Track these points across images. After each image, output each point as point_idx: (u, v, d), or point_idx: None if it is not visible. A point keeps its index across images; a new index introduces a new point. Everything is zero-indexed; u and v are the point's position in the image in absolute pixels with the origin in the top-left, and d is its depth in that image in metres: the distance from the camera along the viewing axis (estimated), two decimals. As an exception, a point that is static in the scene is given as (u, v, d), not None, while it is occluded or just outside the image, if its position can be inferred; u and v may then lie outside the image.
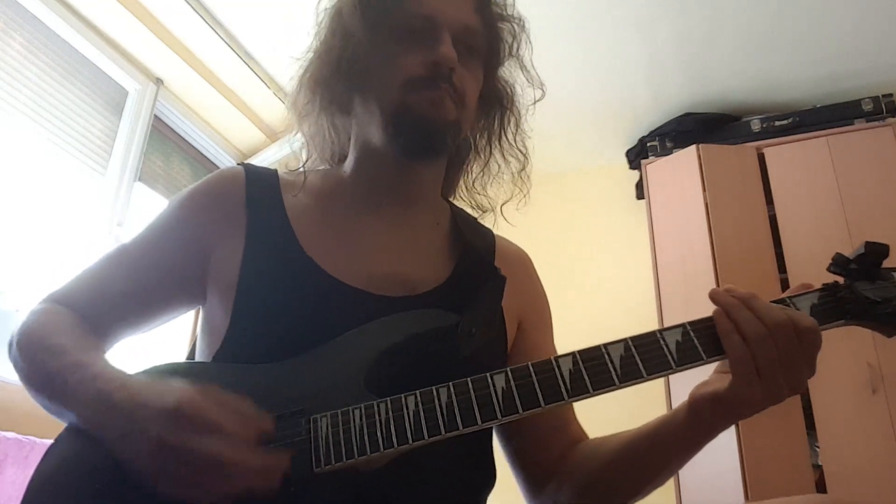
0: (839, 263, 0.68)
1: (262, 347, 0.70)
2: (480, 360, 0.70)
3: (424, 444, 0.61)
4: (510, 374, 0.63)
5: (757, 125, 2.88)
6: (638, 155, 3.17)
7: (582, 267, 3.24)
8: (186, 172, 2.96)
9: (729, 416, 0.63)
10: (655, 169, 2.94)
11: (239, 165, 0.87)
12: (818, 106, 2.88)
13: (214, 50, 2.68)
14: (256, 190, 0.83)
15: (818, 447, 2.30)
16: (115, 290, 0.79)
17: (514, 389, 0.62)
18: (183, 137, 2.98)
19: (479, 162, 0.94)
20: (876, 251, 0.66)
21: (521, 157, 0.93)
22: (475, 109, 0.86)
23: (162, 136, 2.83)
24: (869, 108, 2.75)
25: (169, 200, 0.85)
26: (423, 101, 0.77)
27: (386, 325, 0.70)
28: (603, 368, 0.62)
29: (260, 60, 2.82)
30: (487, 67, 0.87)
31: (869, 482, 2.18)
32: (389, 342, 0.69)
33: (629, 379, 0.62)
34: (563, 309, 1.03)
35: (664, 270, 2.73)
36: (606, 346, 0.64)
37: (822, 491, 2.20)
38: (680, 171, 2.81)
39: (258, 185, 0.84)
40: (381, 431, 0.61)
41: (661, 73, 2.84)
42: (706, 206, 2.65)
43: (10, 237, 2.08)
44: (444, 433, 0.61)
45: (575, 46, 2.68)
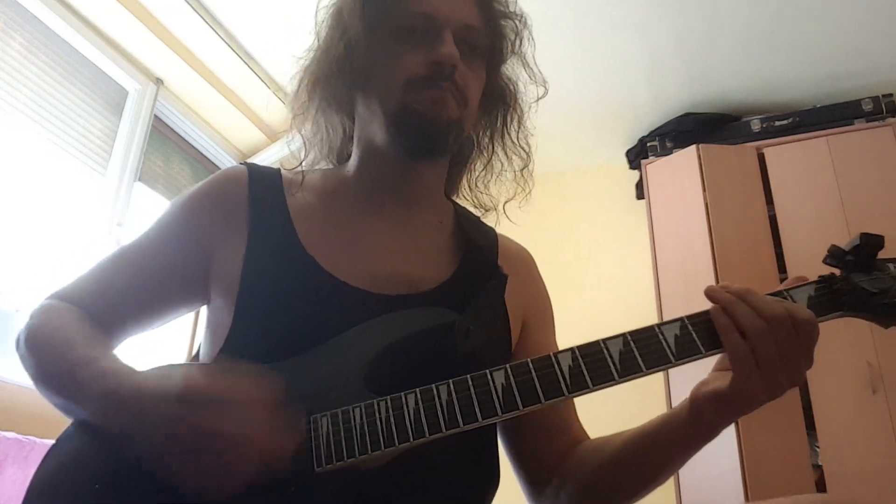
0: (835, 255, 0.68)
1: (263, 347, 0.70)
2: (482, 357, 0.70)
3: (425, 441, 0.61)
4: (510, 370, 0.63)
5: (757, 125, 2.88)
6: (638, 155, 3.17)
7: (582, 267, 3.23)
8: (186, 172, 2.96)
9: (730, 412, 0.63)
10: (655, 169, 2.94)
11: (242, 165, 0.87)
12: (818, 106, 2.88)
13: (214, 50, 2.69)
14: (259, 189, 0.83)
15: (818, 447, 2.30)
16: (118, 289, 0.79)
17: (514, 386, 0.62)
18: (183, 137, 2.98)
19: (481, 160, 0.94)
20: (871, 242, 0.66)
21: (524, 154, 0.93)
22: (478, 108, 0.86)
23: (162, 136, 2.83)
24: (869, 108, 2.75)
25: (172, 201, 0.85)
26: (425, 100, 0.77)
27: (386, 323, 0.70)
28: (602, 363, 0.62)
29: (260, 60, 2.82)
30: (490, 65, 0.87)
31: (869, 482, 2.18)
32: (389, 340, 0.69)
33: (628, 373, 0.62)
34: (562, 309, 1.02)
35: (664, 270, 2.73)
36: (605, 341, 0.64)
37: (822, 491, 2.20)
38: (680, 171, 2.81)
39: (261, 184, 0.84)
40: (381, 430, 0.61)
41: (661, 73, 2.84)
42: (706, 206, 2.65)
43: (10, 237, 2.08)
44: (444, 430, 0.61)
45: (574, 46, 2.68)
